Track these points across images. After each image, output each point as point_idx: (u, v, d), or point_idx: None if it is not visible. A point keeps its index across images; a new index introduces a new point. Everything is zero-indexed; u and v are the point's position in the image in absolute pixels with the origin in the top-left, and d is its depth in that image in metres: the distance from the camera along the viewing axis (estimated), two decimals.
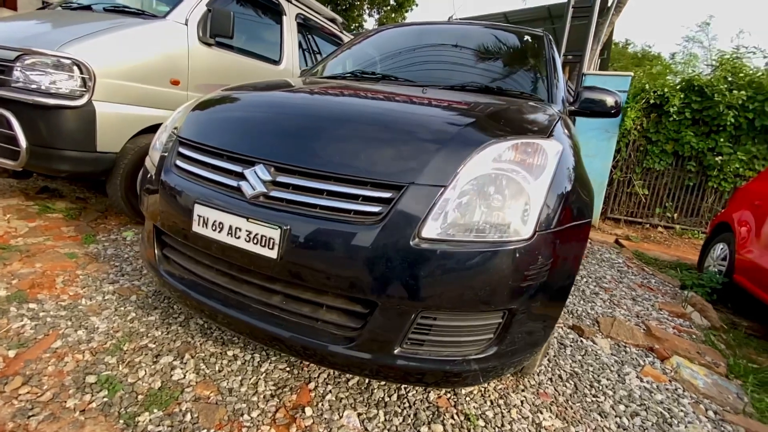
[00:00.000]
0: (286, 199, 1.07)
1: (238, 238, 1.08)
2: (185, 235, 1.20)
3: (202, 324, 1.59)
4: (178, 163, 1.30)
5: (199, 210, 1.14)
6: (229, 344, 1.49)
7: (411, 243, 0.96)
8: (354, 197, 1.03)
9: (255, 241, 1.06)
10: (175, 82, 2.49)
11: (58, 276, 1.77)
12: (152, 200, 1.34)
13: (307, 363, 1.42)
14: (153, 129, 2.34)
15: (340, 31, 4.29)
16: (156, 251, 1.37)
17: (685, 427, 1.44)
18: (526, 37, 2.21)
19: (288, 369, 1.40)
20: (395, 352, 1.03)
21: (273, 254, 1.03)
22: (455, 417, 1.29)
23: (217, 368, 1.35)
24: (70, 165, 2.11)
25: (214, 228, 1.12)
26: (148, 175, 1.42)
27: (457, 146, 1.08)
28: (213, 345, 1.47)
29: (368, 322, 1.02)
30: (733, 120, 4.84)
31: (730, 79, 4.95)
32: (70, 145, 2.07)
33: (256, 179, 1.10)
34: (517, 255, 0.99)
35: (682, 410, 1.53)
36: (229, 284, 1.20)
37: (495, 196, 1.02)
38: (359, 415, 1.24)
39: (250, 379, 1.32)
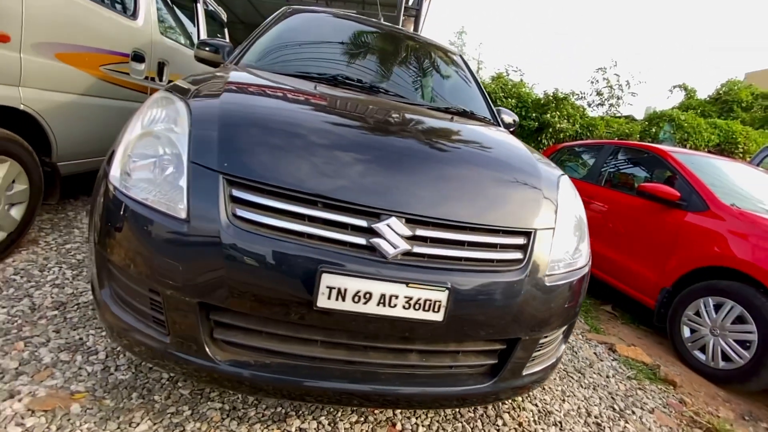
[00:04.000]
0: (429, 254, 1.00)
1: (393, 306, 0.95)
2: (299, 313, 0.93)
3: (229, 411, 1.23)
4: (245, 214, 0.94)
5: (328, 280, 0.91)
6: (289, 417, 1.24)
7: (546, 282, 1.12)
8: (491, 246, 1.08)
9: (417, 306, 0.96)
10: (3, 38, 1.50)
11: None
12: (193, 266, 0.93)
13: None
14: None
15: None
16: (202, 336, 0.97)
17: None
18: (456, 57, 2.47)
19: (362, 419, 1.31)
20: (524, 373, 1.19)
21: (438, 317, 0.98)
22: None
23: None
24: None
25: (356, 300, 0.93)
26: (164, 227, 0.95)
27: (547, 186, 1.27)
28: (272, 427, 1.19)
29: (512, 356, 1.13)
30: None
31: (502, 89, 6.78)
32: None
33: (394, 235, 0.97)
34: (585, 277, 1.30)
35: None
36: (349, 356, 1.02)
37: (576, 232, 1.28)
38: None
39: None
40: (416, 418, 1.36)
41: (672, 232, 2.70)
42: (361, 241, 0.96)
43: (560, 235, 1.20)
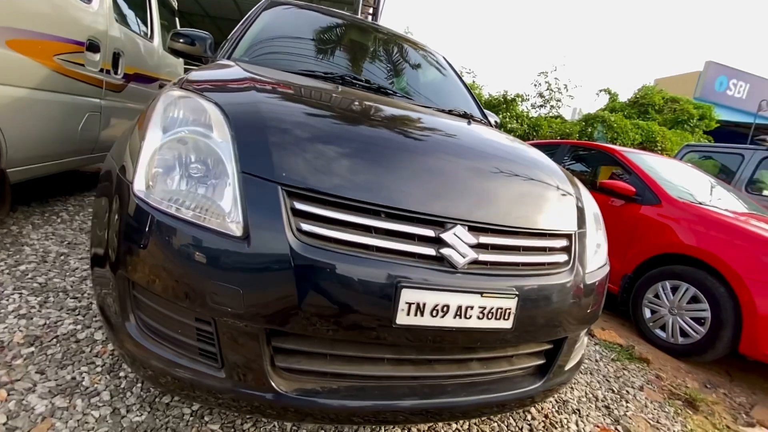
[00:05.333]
0: (492, 262, 1.01)
1: (468, 317, 0.93)
2: (375, 331, 0.88)
3: None
4: (312, 228, 0.86)
5: (407, 295, 0.87)
6: None
7: (587, 281, 1.18)
8: (543, 249, 1.11)
9: (489, 315, 0.95)
10: None
11: None
12: (258, 290, 0.83)
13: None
14: None
15: None
16: (265, 366, 0.87)
17: None
18: (443, 60, 2.49)
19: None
20: (565, 369, 1.24)
21: (508, 324, 0.98)
22: None
23: None
24: None
25: (434, 314, 0.90)
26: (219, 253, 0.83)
27: (572, 187, 1.34)
28: None
29: (559, 355, 1.17)
30: None
31: None
32: None
33: (462, 244, 0.96)
34: (608, 273, 1.38)
35: None
36: (416, 371, 0.99)
37: (598, 230, 1.36)
38: None
39: None
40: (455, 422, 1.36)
41: (630, 224, 2.99)
42: (431, 251, 0.93)
43: (590, 234, 1.27)
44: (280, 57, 1.79)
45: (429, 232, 0.95)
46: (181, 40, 1.92)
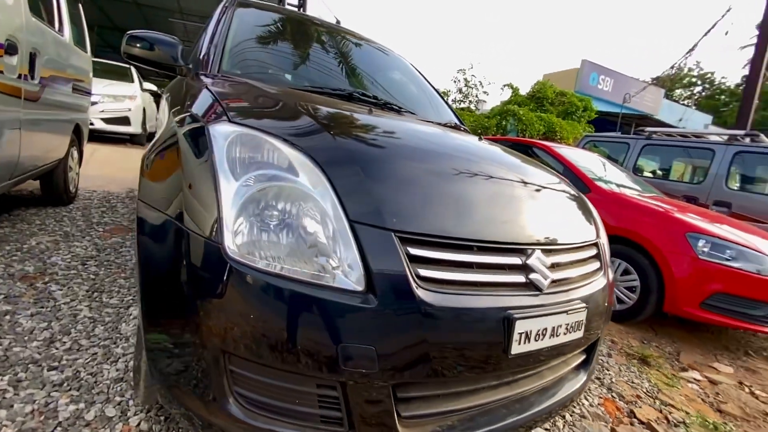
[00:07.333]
0: (560, 278, 1.11)
1: (559, 335, 1.02)
2: (492, 365, 0.91)
3: None
4: (428, 273, 0.86)
5: (521, 326, 0.92)
6: None
7: (610, 280, 1.36)
8: (585, 260, 1.25)
9: (571, 329, 1.06)
10: None
11: None
12: (390, 345, 0.81)
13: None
14: None
15: None
16: (396, 421, 0.84)
17: None
18: (410, 66, 2.53)
19: None
20: (593, 362, 1.42)
21: (580, 334, 1.10)
22: None
23: None
24: None
25: (537, 338, 0.97)
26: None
27: (581, 195, 1.51)
28: None
29: (595, 350, 1.33)
30: None
31: None
32: None
33: (543, 268, 1.04)
34: None
35: None
36: (509, 391, 1.05)
37: (603, 232, 1.56)
38: None
39: None
40: None
41: None
42: (522, 278, 0.99)
43: (603, 238, 1.46)
44: (280, 71, 1.65)
45: (517, 260, 1.01)
46: (138, 45, 1.65)
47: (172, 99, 1.73)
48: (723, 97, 30.53)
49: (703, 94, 32.33)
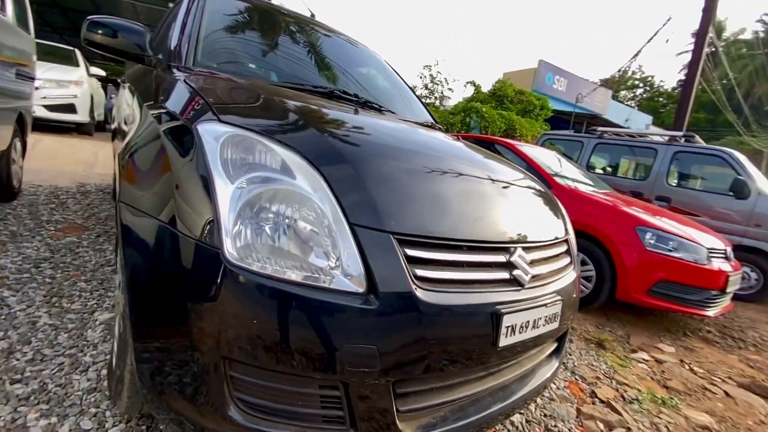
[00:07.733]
0: (538, 274, 1.19)
1: (538, 327, 1.10)
2: (481, 358, 0.97)
3: None
4: (424, 273, 0.90)
5: (508, 320, 0.98)
6: None
7: (577, 273, 1.48)
8: (557, 256, 1.35)
9: (549, 321, 1.14)
10: None
11: None
12: (392, 345, 0.84)
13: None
14: None
15: None
16: (395, 417, 0.88)
17: None
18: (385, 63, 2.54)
19: None
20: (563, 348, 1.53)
21: (556, 325, 1.19)
22: None
23: None
24: None
25: (521, 331, 1.04)
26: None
27: (549, 192, 1.61)
28: None
29: (565, 338, 1.44)
30: None
31: None
32: None
33: (524, 265, 1.11)
34: None
35: None
36: (495, 380, 1.12)
37: (570, 227, 1.68)
38: None
39: None
40: None
41: None
42: (507, 275, 1.06)
43: (571, 234, 1.57)
44: (258, 65, 1.60)
45: (502, 258, 1.07)
46: (100, 32, 1.54)
47: (142, 92, 1.64)
48: (662, 99, 33.19)
49: (644, 96, 34.97)
